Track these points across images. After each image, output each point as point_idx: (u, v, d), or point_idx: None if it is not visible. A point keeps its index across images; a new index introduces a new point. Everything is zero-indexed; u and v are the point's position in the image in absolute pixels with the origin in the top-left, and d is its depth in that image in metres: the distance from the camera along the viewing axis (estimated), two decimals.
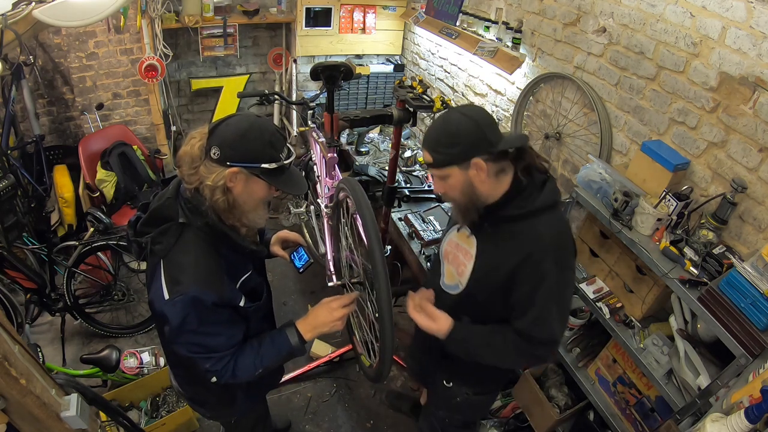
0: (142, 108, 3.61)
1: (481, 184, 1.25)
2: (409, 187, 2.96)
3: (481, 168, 1.21)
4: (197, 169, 1.14)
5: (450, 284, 1.48)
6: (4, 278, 2.44)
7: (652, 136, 1.92)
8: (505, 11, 2.64)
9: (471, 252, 1.39)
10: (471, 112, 1.23)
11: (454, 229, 1.48)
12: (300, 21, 3.49)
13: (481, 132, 1.20)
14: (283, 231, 1.61)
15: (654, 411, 1.82)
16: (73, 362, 2.61)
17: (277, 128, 1.20)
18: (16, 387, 0.88)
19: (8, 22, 2.10)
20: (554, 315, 1.28)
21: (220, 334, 1.21)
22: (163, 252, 1.16)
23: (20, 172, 2.95)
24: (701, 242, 1.62)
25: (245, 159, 1.14)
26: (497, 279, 1.31)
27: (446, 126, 1.23)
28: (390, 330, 1.38)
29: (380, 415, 2.54)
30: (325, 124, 2.28)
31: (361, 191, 1.55)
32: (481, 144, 1.20)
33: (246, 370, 1.26)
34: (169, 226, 1.18)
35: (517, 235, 1.28)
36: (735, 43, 1.56)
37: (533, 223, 1.27)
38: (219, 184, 1.14)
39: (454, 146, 1.21)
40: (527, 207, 1.26)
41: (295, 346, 1.31)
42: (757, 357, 1.33)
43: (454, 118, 1.23)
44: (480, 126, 1.20)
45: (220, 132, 1.14)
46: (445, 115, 1.26)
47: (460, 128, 1.21)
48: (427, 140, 1.26)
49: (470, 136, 1.20)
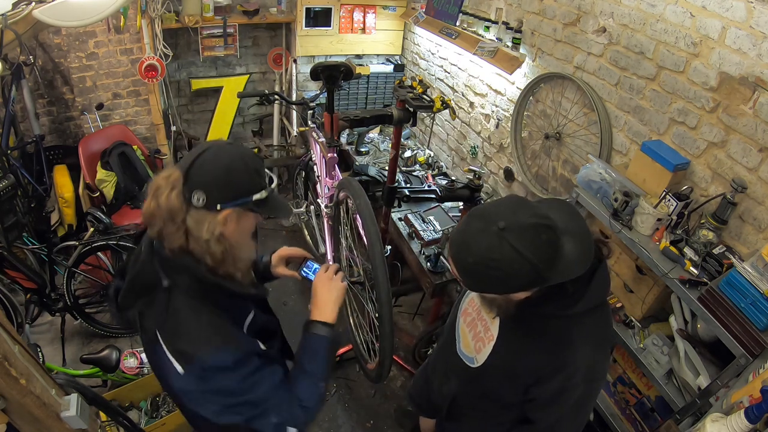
0: (142, 108, 3.61)
1: (522, 300, 1.06)
2: (409, 187, 2.95)
3: (521, 295, 1.03)
4: (181, 222, 0.97)
5: (466, 354, 1.31)
6: (4, 278, 2.44)
7: (652, 136, 1.92)
8: (505, 11, 2.64)
9: (492, 332, 1.20)
10: (528, 247, 0.90)
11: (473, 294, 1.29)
12: (300, 21, 3.49)
13: (536, 275, 0.92)
14: (282, 249, 1.40)
15: (654, 411, 1.82)
16: (73, 362, 2.61)
17: (251, 150, 1.06)
18: (16, 387, 0.88)
19: (8, 22, 2.10)
20: (572, 422, 1.17)
21: (261, 380, 1.03)
22: (156, 325, 1.01)
23: (20, 172, 2.95)
24: (701, 242, 1.62)
25: (236, 196, 0.99)
26: (516, 372, 1.15)
27: (492, 265, 0.92)
28: (390, 330, 1.38)
29: (380, 415, 2.54)
30: (325, 124, 2.28)
31: (361, 191, 1.55)
32: (531, 285, 0.96)
33: (312, 395, 1.11)
34: (154, 295, 1.02)
35: (549, 335, 1.09)
36: (735, 43, 1.56)
37: (570, 325, 1.07)
38: (215, 234, 0.98)
39: (497, 286, 0.97)
40: (568, 309, 1.04)
41: (330, 336, 1.17)
42: (757, 357, 1.33)
43: (505, 254, 0.91)
44: (537, 268, 0.91)
45: (198, 173, 0.97)
46: (496, 247, 0.91)
47: (510, 271, 0.92)
48: (463, 267, 0.97)
49: (520, 279, 0.93)
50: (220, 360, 0.97)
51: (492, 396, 1.27)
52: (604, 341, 1.14)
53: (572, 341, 1.07)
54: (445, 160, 3.50)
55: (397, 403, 2.58)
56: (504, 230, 0.91)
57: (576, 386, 1.08)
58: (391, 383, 2.71)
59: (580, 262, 0.97)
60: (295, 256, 1.39)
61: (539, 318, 1.09)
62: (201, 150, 1.00)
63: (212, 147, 1.01)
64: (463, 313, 1.35)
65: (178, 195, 0.96)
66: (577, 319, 1.06)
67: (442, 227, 2.65)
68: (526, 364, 1.13)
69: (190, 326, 0.99)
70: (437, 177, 3.18)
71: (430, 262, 2.42)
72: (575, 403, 1.11)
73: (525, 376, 1.13)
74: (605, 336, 1.15)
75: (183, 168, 0.98)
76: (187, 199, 0.96)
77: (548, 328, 1.09)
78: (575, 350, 1.06)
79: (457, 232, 1.00)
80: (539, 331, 1.11)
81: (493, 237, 0.91)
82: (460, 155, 3.35)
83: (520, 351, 1.14)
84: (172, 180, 0.97)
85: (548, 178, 2.53)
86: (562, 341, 1.07)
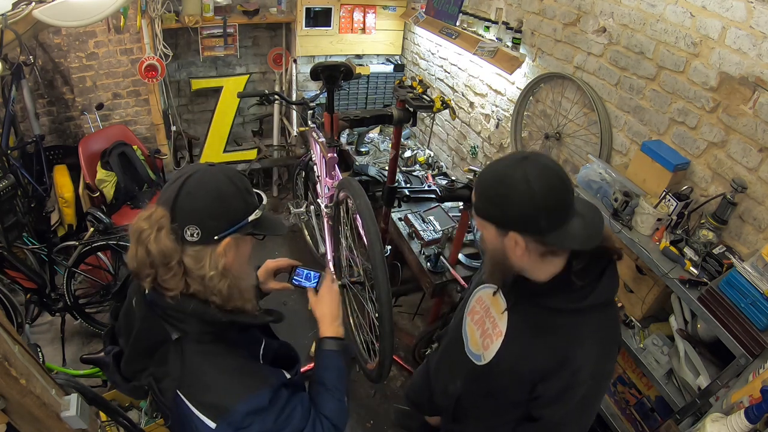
0: (142, 108, 3.61)
1: (518, 258, 1.04)
2: (409, 187, 2.96)
3: (519, 244, 1.01)
4: (177, 265, 0.89)
5: (474, 352, 1.31)
6: (4, 278, 2.44)
7: (652, 136, 1.92)
8: (505, 11, 2.64)
9: (500, 328, 1.20)
10: (538, 180, 0.94)
11: (488, 289, 1.29)
12: (300, 21, 3.48)
13: (535, 212, 0.95)
14: (267, 262, 1.33)
15: (654, 411, 1.82)
16: (73, 362, 2.61)
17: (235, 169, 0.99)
18: (16, 387, 0.87)
19: (8, 22, 2.10)
20: (577, 420, 1.16)
21: (294, 411, 0.98)
22: (175, 383, 0.92)
23: (20, 172, 2.94)
24: (701, 242, 1.62)
25: (233, 222, 0.92)
26: (524, 370, 1.15)
27: (501, 181, 0.98)
28: (390, 330, 1.38)
29: (380, 415, 2.54)
30: (325, 124, 2.28)
31: (361, 191, 1.55)
32: (528, 225, 0.98)
33: (339, 412, 1.07)
34: (165, 351, 0.93)
35: (556, 331, 1.10)
36: (735, 43, 1.56)
37: (578, 322, 1.08)
38: (219, 268, 0.91)
39: (496, 207, 1.00)
40: (577, 303, 1.06)
41: (341, 350, 1.16)
42: (757, 357, 1.33)
43: (515, 177, 0.96)
44: (537, 204, 0.95)
45: (186, 206, 0.88)
46: (510, 167, 0.99)
47: (513, 194, 0.96)
48: (479, 179, 1.04)
49: (519, 209, 0.96)
50: (255, 403, 0.91)
51: (498, 394, 1.26)
52: (611, 341, 1.14)
53: (580, 338, 1.07)
54: (445, 160, 3.50)
55: (394, 407, 2.58)
56: (526, 159, 0.97)
57: (582, 383, 1.07)
58: (391, 383, 2.71)
59: (582, 240, 0.98)
60: (282, 266, 1.32)
61: (548, 313, 1.10)
62: (182, 179, 0.90)
63: (194, 174, 0.92)
64: (471, 312, 1.34)
65: (167, 234, 0.86)
66: (585, 315, 1.07)
67: (442, 227, 2.64)
68: (534, 359, 1.12)
69: (213, 375, 0.92)
70: (437, 177, 3.18)
71: (430, 262, 2.42)
72: (581, 401, 1.10)
73: (532, 372, 1.13)
74: (613, 336, 1.15)
75: (166, 203, 0.88)
76: (179, 237, 0.87)
77: (557, 323, 1.09)
78: (583, 347, 1.06)
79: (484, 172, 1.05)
80: (548, 327, 1.11)
81: (515, 162, 0.98)
82: (460, 155, 3.35)
83: (528, 347, 1.14)
84: (156, 219, 0.87)
85: None
86: (570, 337, 1.07)
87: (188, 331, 0.93)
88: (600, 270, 1.05)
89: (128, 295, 1.02)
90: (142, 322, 0.95)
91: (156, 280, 0.90)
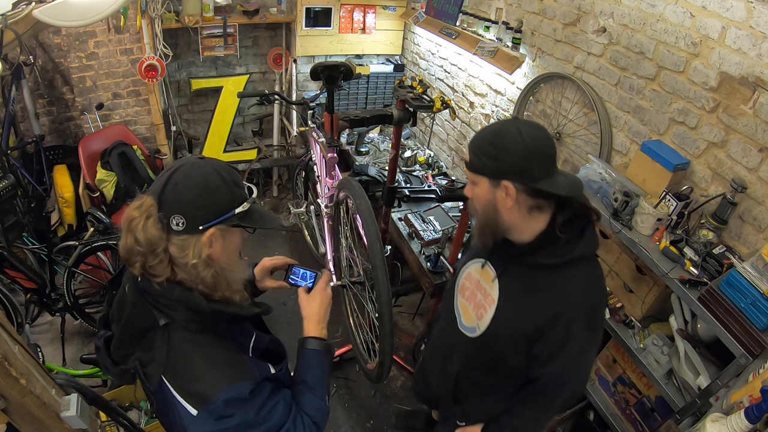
0: (142, 108, 3.61)
1: (507, 211, 1.12)
2: (409, 187, 2.96)
3: (509, 194, 1.09)
4: (163, 252, 0.91)
5: (467, 326, 1.36)
6: (4, 278, 2.44)
7: (652, 136, 1.92)
8: (505, 11, 2.64)
9: (493, 296, 1.26)
10: (529, 134, 1.07)
11: (475, 263, 1.35)
12: (300, 21, 3.48)
13: (528, 159, 1.06)
14: (264, 260, 1.35)
15: (654, 411, 1.82)
16: (73, 362, 2.61)
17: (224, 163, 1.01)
18: (16, 387, 0.87)
19: (8, 22, 2.10)
20: (576, 373, 1.22)
21: (276, 406, 1.00)
22: (160, 368, 0.94)
23: (20, 172, 2.95)
24: (701, 242, 1.62)
25: (218, 213, 0.94)
26: (520, 330, 1.20)
27: (496, 135, 1.10)
28: (390, 330, 1.38)
29: (380, 415, 2.54)
30: (325, 124, 2.28)
31: (361, 191, 1.55)
32: (521, 172, 1.07)
33: (320, 411, 1.10)
34: (152, 337, 0.95)
35: (547, 288, 1.17)
36: (735, 43, 1.56)
37: (566, 276, 1.15)
38: (202, 257, 0.93)
39: (492, 158, 1.09)
40: (562, 257, 1.13)
41: (324, 350, 1.18)
42: (757, 357, 1.33)
43: (509, 131, 1.09)
44: (529, 153, 1.06)
45: (173, 196, 0.91)
46: (504, 124, 1.16)
47: (507, 144, 1.07)
48: (474, 138, 1.15)
49: (513, 156, 1.07)
50: (236, 393, 0.92)
51: (496, 365, 1.30)
52: (600, 291, 1.21)
53: (570, 291, 1.14)
54: (445, 160, 3.50)
55: (394, 407, 2.58)
56: (516, 119, 1.16)
57: (578, 334, 1.13)
58: (391, 383, 2.71)
59: (569, 188, 1.10)
60: (279, 265, 1.34)
61: (536, 270, 1.17)
62: (171, 171, 0.94)
63: (183, 166, 0.95)
64: (461, 289, 1.39)
65: (154, 223, 0.89)
66: (572, 269, 1.14)
67: (442, 227, 2.65)
68: (529, 318, 1.17)
69: (198, 364, 0.94)
70: (437, 177, 3.18)
71: (430, 262, 2.42)
72: (578, 353, 1.16)
73: (528, 331, 1.18)
74: (601, 287, 1.22)
75: (155, 193, 0.91)
76: (165, 226, 0.90)
77: (546, 280, 1.16)
78: (573, 299, 1.13)
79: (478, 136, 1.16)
80: (538, 285, 1.17)
81: (507, 121, 1.18)
82: (460, 155, 3.35)
83: (522, 307, 1.20)
84: (145, 208, 0.90)
85: None
86: (561, 291, 1.14)
87: (176, 318, 0.95)
88: (581, 228, 1.14)
89: (122, 282, 1.04)
90: (133, 308, 0.97)
91: (145, 266, 0.92)
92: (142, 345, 0.97)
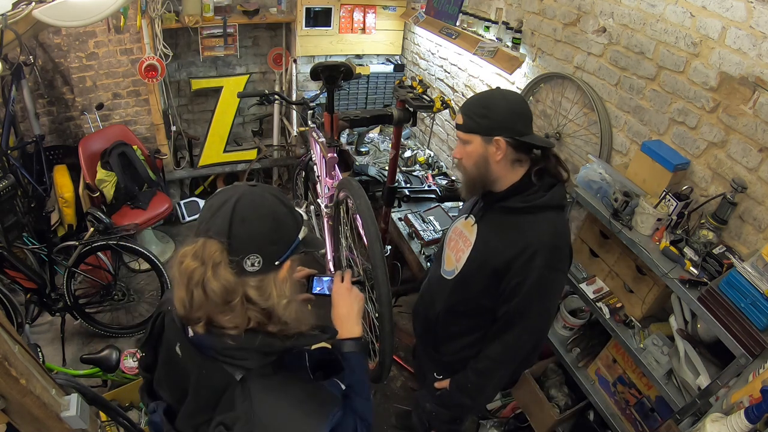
0: (142, 108, 3.60)
1: (496, 164, 1.31)
2: (409, 187, 2.96)
3: (500, 147, 1.28)
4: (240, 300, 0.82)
5: (448, 270, 1.53)
6: (4, 278, 2.44)
7: (652, 136, 1.92)
8: (505, 11, 2.64)
9: (471, 239, 1.44)
10: (512, 98, 1.33)
11: (461, 218, 1.55)
12: (300, 21, 3.48)
13: (513, 117, 1.28)
14: None
15: (654, 411, 1.82)
16: (73, 362, 2.61)
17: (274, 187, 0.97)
18: (16, 387, 0.87)
19: (8, 22, 2.10)
20: (536, 309, 1.35)
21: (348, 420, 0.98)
22: (249, 425, 0.84)
23: (20, 172, 2.95)
24: (701, 242, 1.62)
25: (289, 243, 0.88)
26: (491, 266, 1.36)
27: (485, 99, 1.34)
28: (390, 330, 1.38)
29: (380, 415, 2.54)
30: (325, 124, 2.28)
31: (361, 191, 1.56)
32: (509, 127, 1.27)
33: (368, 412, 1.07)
34: (231, 395, 0.86)
35: (517, 227, 1.34)
36: (735, 43, 1.56)
37: (535, 219, 1.33)
38: (286, 293, 0.86)
39: (484, 117, 1.28)
40: (530, 202, 1.32)
41: (360, 350, 1.13)
42: (757, 357, 1.33)
43: (495, 95, 1.34)
44: (514, 112, 1.29)
45: (244, 234, 0.82)
46: (490, 91, 1.39)
47: (496, 105, 1.29)
48: (465, 104, 1.34)
49: (502, 115, 1.28)
50: (333, 423, 0.88)
51: (470, 304, 1.46)
52: (562, 238, 1.36)
53: (536, 231, 1.31)
54: (445, 160, 3.50)
55: (394, 407, 2.57)
56: (498, 87, 1.48)
57: (536, 269, 1.28)
58: (391, 383, 2.71)
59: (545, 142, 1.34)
60: (300, 277, 1.25)
61: (509, 213, 1.35)
62: (230, 205, 0.83)
63: (242, 197, 0.85)
64: (449, 242, 1.57)
65: (226, 269, 0.80)
66: (540, 214, 1.32)
67: (442, 227, 2.65)
68: (499, 252, 1.33)
69: (288, 409, 0.87)
70: (437, 177, 3.18)
71: (430, 262, 2.42)
72: (535, 288, 1.30)
73: (498, 267, 1.33)
74: (563, 235, 1.37)
75: (221, 234, 0.81)
76: (240, 270, 0.81)
77: (518, 221, 1.34)
78: (538, 237, 1.29)
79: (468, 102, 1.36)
80: (510, 225, 1.35)
81: (493, 89, 1.41)
82: None
83: (494, 244, 1.37)
84: (210, 255, 0.80)
85: None
86: (528, 231, 1.31)
87: (250, 367, 0.86)
88: (551, 184, 1.33)
89: (165, 342, 0.96)
90: (200, 369, 0.88)
91: (212, 321, 0.84)
92: (221, 407, 0.87)
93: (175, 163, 3.78)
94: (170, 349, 0.93)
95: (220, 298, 0.81)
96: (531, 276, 1.29)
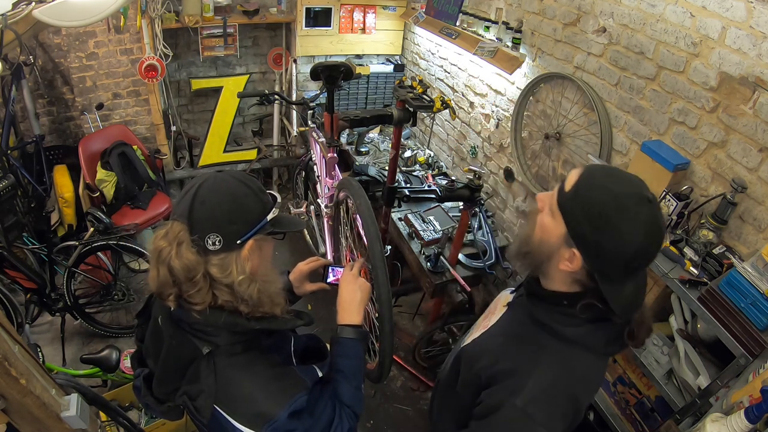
0: (142, 108, 3.61)
1: (554, 269, 0.97)
2: (409, 187, 2.95)
3: (572, 263, 0.91)
4: (203, 277, 0.86)
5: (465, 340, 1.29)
6: (4, 278, 2.44)
7: (652, 136, 1.92)
8: (505, 11, 2.64)
9: (491, 321, 1.19)
10: (647, 238, 0.85)
11: (508, 290, 1.27)
12: (300, 21, 3.48)
13: (620, 263, 0.87)
14: (299, 266, 1.32)
15: (654, 411, 1.82)
16: (73, 362, 2.61)
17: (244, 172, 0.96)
18: (16, 387, 0.87)
19: (8, 22, 2.10)
20: None
21: (326, 407, 0.99)
22: (212, 398, 0.90)
23: (20, 172, 2.95)
24: (701, 242, 1.62)
25: (252, 223, 0.91)
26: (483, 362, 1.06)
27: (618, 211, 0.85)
28: (390, 330, 1.38)
29: (380, 415, 2.54)
30: (325, 124, 2.28)
31: (361, 191, 1.55)
32: (602, 262, 0.88)
33: (357, 400, 1.07)
34: (197, 368, 0.92)
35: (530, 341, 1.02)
36: (735, 43, 1.56)
37: (551, 347, 0.98)
38: (247, 272, 0.89)
39: (591, 227, 0.86)
40: (558, 326, 0.98)
41: (359, 337, 1.14)
42: (757, 357, 1.33)
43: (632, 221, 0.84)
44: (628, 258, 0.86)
45: (203, 215, 0.87)
46: (634, 204, 0.85)
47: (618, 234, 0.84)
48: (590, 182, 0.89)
49: (612, 248, 0.86)
50: (296, 406, 0.90)
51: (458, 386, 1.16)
52: (567, 391, 0.96)
53: (541, 362, 0.96)
54: (445, 160, 3.50)
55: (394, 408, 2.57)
56: (651, 203, 0.85)
57: (510, 408, 0.93)
58: (391, 383, 2.71)
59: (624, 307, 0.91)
60: (315, 267, 1.31)
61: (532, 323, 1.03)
62: (193, 190, 0.89)
63: (204, 182, 0.90)
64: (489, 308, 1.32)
65: (188, 247, 0.85)
66: (559, 344, 0.98)
67: (442, 227, 2.65)
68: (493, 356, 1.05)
69: (250, 386, 0.91)
70: (437, 177, 3.18)
71: (430, 262, 2.42)
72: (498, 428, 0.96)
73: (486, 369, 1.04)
74: (571, 388, 0.97)
75: (182, 216, 0.87)
76: (201, 248, 0.86)
77: (534, 337, 1.01)
78: (537, 371, 0.95)
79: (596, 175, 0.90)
80: (523, 335, 1.04)
81: (641, 200, 0.85)
82: (460, 155, 3.35)
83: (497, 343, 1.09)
84: (174, 235, 0.86)
85: (548, 178, 2.53)
86: (534, 354, 0.98)
87: (219, 343, 0.91)
88: (599, 318, 0.94)
89: (152, 314, 1.00)
90: (171, 340, 0.93)
91: (181, 296, 0.88)
92: (187, 378, 0.93)
93: (175, 163, 3.78)
94: (155, 321, 0.99)
95: (183, 275, 0.85)
96: (501, 413, 0.94)
